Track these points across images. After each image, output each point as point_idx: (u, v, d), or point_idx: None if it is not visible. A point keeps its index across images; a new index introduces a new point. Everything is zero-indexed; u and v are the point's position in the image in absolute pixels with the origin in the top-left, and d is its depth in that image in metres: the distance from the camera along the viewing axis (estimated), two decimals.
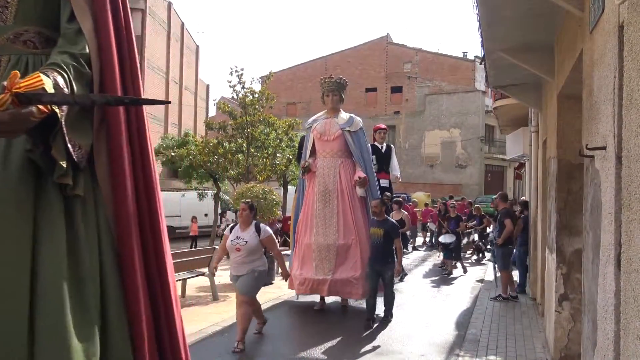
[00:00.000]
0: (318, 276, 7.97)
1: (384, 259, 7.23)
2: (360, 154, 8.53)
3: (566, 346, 5.40)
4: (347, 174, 8.40)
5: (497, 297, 8.82)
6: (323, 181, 8.38)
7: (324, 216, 8.21)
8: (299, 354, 5.97)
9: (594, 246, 3.27)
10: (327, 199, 8.26)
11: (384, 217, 7.38)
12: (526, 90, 8.18)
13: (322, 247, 8.07)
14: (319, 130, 8.60)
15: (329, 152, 8.54)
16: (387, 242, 7.22)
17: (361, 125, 8.75)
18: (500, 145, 35.25)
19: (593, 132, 3.36)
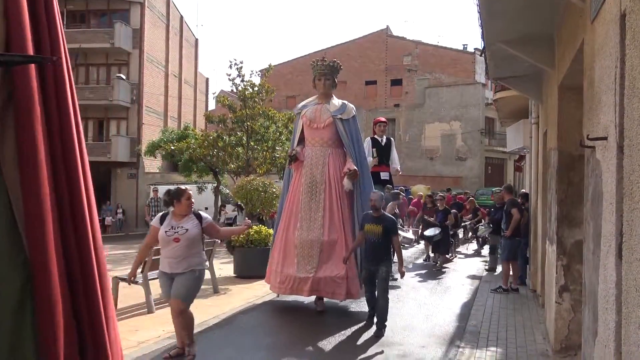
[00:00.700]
0: (300, 274, 7.38)
1: (379, 257, 6.49)
2: (352, 144, 7.87)
3: (567, 337, 5.41)
4: (337, 165, 7.78)
5: (498, 289, 8.83)
6: (310, 172, 7.74)
7: (310, 209, 7.59)
8: (298, 345, 5.98)
9: (594, 237, 3.27)
10: (314, 191, 7.66)
11: (381, 212, 6.62)
12: (526, 82, 8.16)
13: (306, 242, 7.45)
14: (308, 116, 7.96)
15: (318, 141, 7.89)
16: (386, 240, 6.50)
17: (354, 113, 8.11)
18: (501, 137, 35.21)
19: (594, 123, 3.35)
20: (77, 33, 28.80)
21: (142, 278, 7.58)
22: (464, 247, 16.03)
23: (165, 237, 5.17)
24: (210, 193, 22.45)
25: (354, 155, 7.83)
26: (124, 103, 28.68)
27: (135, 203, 28.87)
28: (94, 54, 29.36)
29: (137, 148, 27.18)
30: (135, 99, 29.20)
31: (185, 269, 5.13)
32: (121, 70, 29.42)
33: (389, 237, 6.51)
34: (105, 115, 29.93)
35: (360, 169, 7.75)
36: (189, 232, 5.16)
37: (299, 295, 7.58)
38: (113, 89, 28.27)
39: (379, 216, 6.55)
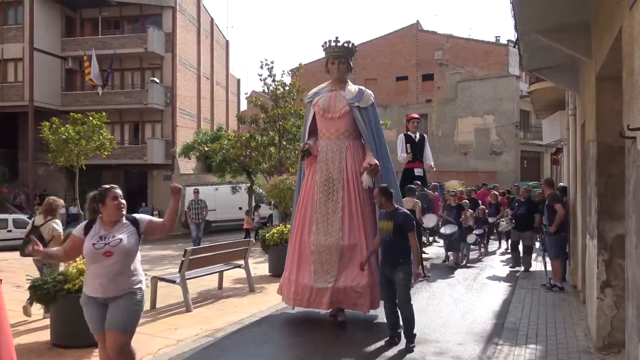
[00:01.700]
0: (318, 284, 6.61)
1: (393, 259, 5.70)
2: (372, 135, 7.02)
3: (609, 334, 5.27)
4: (356, 159, 6.96)
5: (553, 288, 8.51)
6: (326, 168, 6.92)
7: (326, 210, 6.79)
8: (332, 343, 5.98)
9: (637, 230, 3.17)
10: (331, 189, 6.84)
11: (393, 206, 5.89)
12: (562, 72, 7.96)
13: (323, 248, 6.67)
14: (321, 105, 7.07)
15: (334, 133, 7.05)
16: (400, 238, 5.69)
17: (373, 100, 7.20)
18: (536, 130, 34.46)
19: (635, 113, 3.25)
20: (111, 39, 29.55)
21: (180, 278, 7.73)
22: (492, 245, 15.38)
23: (92, 251, 4.00)
24: (244, 193, 22.69)
25: (374, 147, 6.99)
26: (158, 106, 29.24)
27: None
28: (129, 58, 30.02)
29: (171, 150, 27.67)
30: (169, 101, 29.74)
31: (122, 291, 4.03)
32: (155, 74, 30.00)
33: (403, 234, 5.71)
34: (141, 119, 30.58)
35: (382, 163, 6.92)
36: (123, 243, 4.04)
37: (317, 308, 6.80)
38: (147, 93, 28.86)
39: (391, 211, 5.86)
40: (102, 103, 26.47)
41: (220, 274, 9.16)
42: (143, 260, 9.29)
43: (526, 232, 10.65)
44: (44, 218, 7.34)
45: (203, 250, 8.63)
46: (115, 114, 28.63)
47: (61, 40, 30.01)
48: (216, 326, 6.69)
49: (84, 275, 5.83)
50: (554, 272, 8.69)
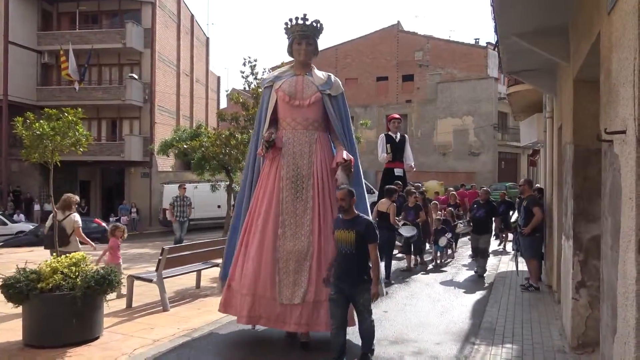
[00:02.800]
0: (282, 299, 5.60)
1: (355, 276, 4.91)
2: (342, 127, 6.32)
3: (584, 333, 5.35)
4: (326, 153, 6.16)
5: (529, 288, 8.59)
6: (293, 162, 6.01)
7: (295, 211, 5.87)
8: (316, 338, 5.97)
9: (613, 232, 3.21)
10: (300, 187, 5.96)
11: (355, 213, 5.07)
12: (540, 75, 8.06)
13: (292, 255, 5.72)
14: (286, 90, 6.18)
15: (302, 122, 6.15)
16: (362, 250, 4.92)
17: (342, 90, 6.52)
18: (514, 132, 34.96)
19: (612, 116, 3.29)
20: (89, 34, 29.08)
21: (157, 277, 7.63)
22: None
23: None
24: (223, 191, 22.54)
25: (346, 141, 6.30)
26: (137, 102, 28.89)
27: (149, 202, 29.10)
28: (106, 54, 29.58)
29: (150, 147, 27.36)
30: (147, 98, 29.40)
31: None
32: (133, 70, 29.63)
33: (365, 246, 4.93)
34: (118, 115, 30.17)
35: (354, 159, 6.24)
36: None
37: (280, 328, 5.82)
38: (125, 89, 28.49)
39: (352, 219, 5.01)
40: (78, 98, 26.04)
41: (198, 272, 9.08)
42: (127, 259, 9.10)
43: (484, 235, 10.35)
44: (62, 213, 8.11)
45: (180, 249, 8.54)
46: (93, 109, 28.20)
47: (37, 34, 29.45)
48: (193, 326, 6.62)
49: (57, 274, 5.75)
50: (530, 272, 8.81)
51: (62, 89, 28.81)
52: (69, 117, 7.32)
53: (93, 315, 5.94)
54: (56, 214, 8.10)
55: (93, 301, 5.87)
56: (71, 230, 8.04)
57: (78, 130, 7.43)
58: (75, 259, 6.06)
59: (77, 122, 7.40)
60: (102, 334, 6.13)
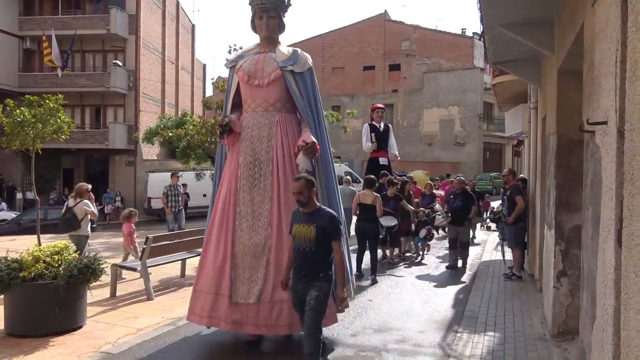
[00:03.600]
0: (238, 297, 5.20)
1: (312, 274, 4.31)
2: (309, 107, 5.73)
3: (564, 321, 5.43)
4: (289, 136, 5.64)
5: (512, 276, 8.67)
6: (251, 147, 5.54)
7: (252, 201, 5.41)
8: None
9: (593, 222, 3.26)
10: (257, 174, 5.47)
11: (316, 205, 4.44)
12: (525, 66, 8.10)
13: (247, 249, 5.30)
14: (246, 69, 5.70)
15: (262, 104, 5.67)
16: (322, 249, 4.30)
17: (310, 65, 5.88)
18: (499, 122, 35.18)
19: (594, 107, 3.32)
20: (72, 19, 28.58)
21: (141, 266, 7.59)
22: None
23: None
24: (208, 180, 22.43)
25: (312, 122, 5.72)
26: (121, 90, 28.52)
27: (134, 190, 28.86)
28: (90, 40, 29.11)
29: (134, 135, 27.09)
30: (132, 85, 29.04)
31: None
32: (117, 57, 29.20)
33: (327, 242, 4.31)
34: (102, 102, 29.78)
35: (320, 143, 5.64)
36: None
37: (236, 330, 5.38)
38: (110, 76, 28.11)
39: (312, 212, 4.38)
40: (61, 85, 25.62)
41: (182, 262, 9.05)
42: (103, 248, 9.13)
43: (463, 226, 9.95)
44: (74, 200, 8.63)
45: (165, 238, 8.50)
46: (76, 96, 27.81)
47: (19, 19, 28.87)
48: (177, 315, 6.60)
49: (40, 262, 5.69)
50: (515, 260, 8.90)
51: (45, 75, 28.33)
52: (50, 104, 7.21)
53: (76, 305, 5.91)
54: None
55: (76, 290, 5.83)
56: (82, 215, 8.49)
57: (60, 118, 7.34)
58: (58, 248, 6.00)
59: (58, 109, 7.31)
60: (86, 323, 6.10)
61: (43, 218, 18.74)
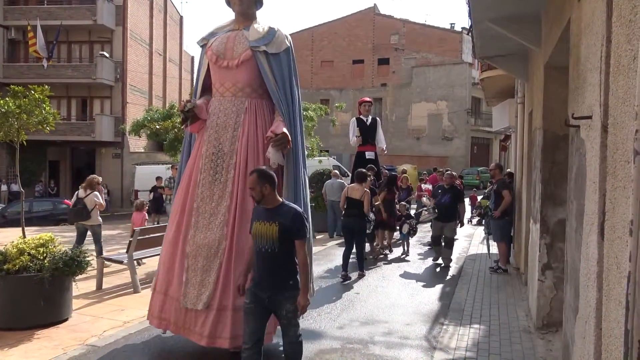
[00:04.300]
0: (187, 302, 4.74)
1: (278, 282, 3.83)
2: (283, 94, 5.10)
3: (548, 314, 5.50)
4: (259, 126, 5.05)
5: (497, 270, 8.75)
6: (216, 137, 5.01)
7: (211, 196, 4.90)
8: None
9: (577, 215, 3.29)
10: (220, 167, 4.95)
11: (278, 201, 3.94)
12: (513, 61, 8.15)
13: (201, 249, 4.78)
14: (215, 49, 5.12)
15: (230, 88, 5.09)
16: (286, 249, 3.83)
17: (288, 45, 5.25)
18: (487, 117, 35.37)
19: (579, 102, 3.35)
20: (58, 9, 28.19)
21: (127, 258, 7.55)
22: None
23: None
24: None
25: (285, 110, 5.09)
26: (108, 81, 28.23)
27: (121, 183, 28.64)
28: (76, 31, 28.76)
29: (121, 127, 26.85)
30: (119, 77, 28.75)
31: None
32: (104, 48, 28.88)
33: (290, 243, 3.84)
34: (89, 94, 29.46)
35: (294, 134, 5.06)
36: None
37: (188, 337, 4.84)
38: (96, 67, 27.79)
39: (274, 208, 3.89)
40: (47, 76, 25.30)
41: None
42: (90, 241, 9.07)
43: (450, 223, 9.57)
44: (85, 192, 9.06)
45: (152, 231, 8.45)
46: (62, 88, 27.49)
47: (3, 9, 28.41)
48: None
49: (24, 255, 5.64)
50: (501, 254, 8.97)
51: (30, 66, 27.95)
52: (35, 95, 7.12)
53: (61, 297, 5.86)
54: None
55: (61, 283, 5.79)
56: (92, 206, 8.95)
57: (45, 109, 7.24)
58: (43, 240, 5.95)
59: (44, 99, 7.21)
60: (71, 315, 6.06)
61: (28, 210, 18.58)
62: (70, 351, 5.02)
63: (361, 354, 5.03)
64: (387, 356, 5.00)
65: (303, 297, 3.83)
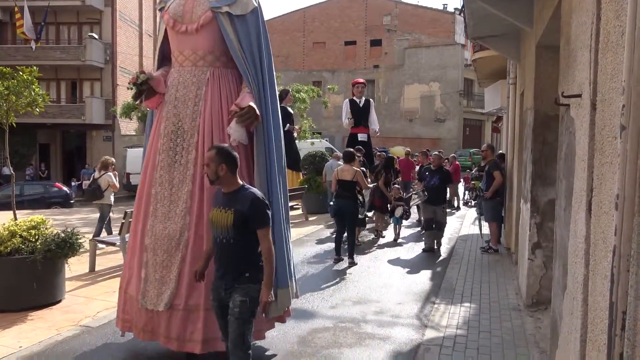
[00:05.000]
0: (147, 302, 4.20)
1: (234, 273, 3.41)
2: (252, 61, 4.42)
3: (538, 292, 5.58)
4: (222, 99, 4.42)
5: (488, 250, 8.84)
6: (175, 112, 4.41)
7: (171, 181, 4.32)
8: None
9: (566, 194, 3.33)
10: (180, 147, 4.36)
11: (237, 185, 3.48)
12: (505, 41, 8.13)
13: (161, 241, 4.23)
14: (172, 12, 4.51)
15: (190, 56, 4.47)
16: (243, 240, 3.39)
17: (256, 4, 4.55)
18: (479, 99, 35.39)
19: (569, 81, 3.36)
20: None
21: (120, 240, 7.55)
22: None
23: None
24: None
25: (254, 80, 4.42)
26: (97, 63, 27.90)
27: None
28: (64, 12, 28.31)
29: (112, 110, 26.63)
30: (108, 59, 28.42)
31: None
32: (93, 30, 28.49)
33: (250, 231, 3.37)
34: (78, 76, 29.13)
35: (264, 108, 4.43)
36: None
37: (151, 340, 4.33)
38: (85, 49, 27.44)
39: (232, 193, 3.44)
40: (35, 58, 24.94)
41: None
42: (82, 224, 9.06)
43: (440, 205, 9.29)
44: (99, 172, 9.50)
45: None
46: (51, 70, 27.14)
47: None
48: None
49: (16, 237, 5.63)
50: (492, 234, 9.06)
51: (18, 48, 27.54)
52: (24, 76, 7.04)
53: (54, 279, 5.87)
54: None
55: (54, 265, 5.79)
56: (106, 186, 9.27)
57: (34, 90, 7.16)
58: (34, 222, 5.93)
59: (32, 81, 7.13)
60: (65, 297, 6.07)
61: (19, 194, 18.48)
62: (64, 332, 5.04)
63: (353, 333, 5.09)
64: (379, 334, 5.06)
65: (265, 293, 3.33)
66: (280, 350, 4.62)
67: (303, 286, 6.76)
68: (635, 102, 1.75)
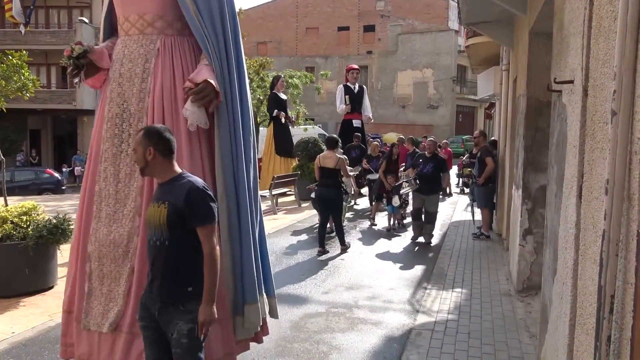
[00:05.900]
0: (89, 322, 3.43)
1: (171, 285, 2.67)
2: (212, 27, 3.54)
3: (528, 278, 5.64)
4: (176, 74, 3.56)
5: (480, 236, 8.90)
6: (119, 91, 3.60)
7: (116, 175, 3.53)
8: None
9: (558, 180, 3.35)
10: (126, 133, 3.56)
11: (174, 173, 2.76)
12: (498, 27, 8.11)
13: (106, 249, 3.45)
14: None
15: (136, 23, 3.61)
16: (179, 240, 2.67)
17: None
18: (472, 85, 35.37)
19: (562, 67, 3.37)
20: None
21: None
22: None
23: None
24: None
25: (214, 50, 3.53)
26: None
27: None
28: None
29: None
30: (99, 44, 28.12)
31: None
32: (83, 14, 28.17)
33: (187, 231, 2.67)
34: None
35: (226, 84, 3.56)
36: None
37: None
38: (75, 33, 27.12)
39: (166, 183, 2.76)
40: (25, 42, 24.63)
41: None
42: (73, 210, 8.99)
43: (432, 195, 8.82)
44: None
45: None
46: (41, 55, 26.84)
47: None
48: None
49: (7, 223, 5.60)
50: (484, 220, 9.11)
51: (7, 32, 27.17)
52: (13, 60, 6.96)
53: (47, 265, 5.86)
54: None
55: (46, 251, 5.78)
56: None
57: (24, 74, 7.09)
58: (25, 208, 5.91)
59: (22, 65, 7.05)
60: (57, 283, 6.06)
61: (10, 180, 18.36)
62: (56, 318, 5.03)
63: (345, 318, 5.13)
64: (371, 319, 5.10)
65: (204, 309, 2.59)
66: (273, 335, 4.64)
67: (296, 272, 6.80)
68: (626, 87, 1.76)
